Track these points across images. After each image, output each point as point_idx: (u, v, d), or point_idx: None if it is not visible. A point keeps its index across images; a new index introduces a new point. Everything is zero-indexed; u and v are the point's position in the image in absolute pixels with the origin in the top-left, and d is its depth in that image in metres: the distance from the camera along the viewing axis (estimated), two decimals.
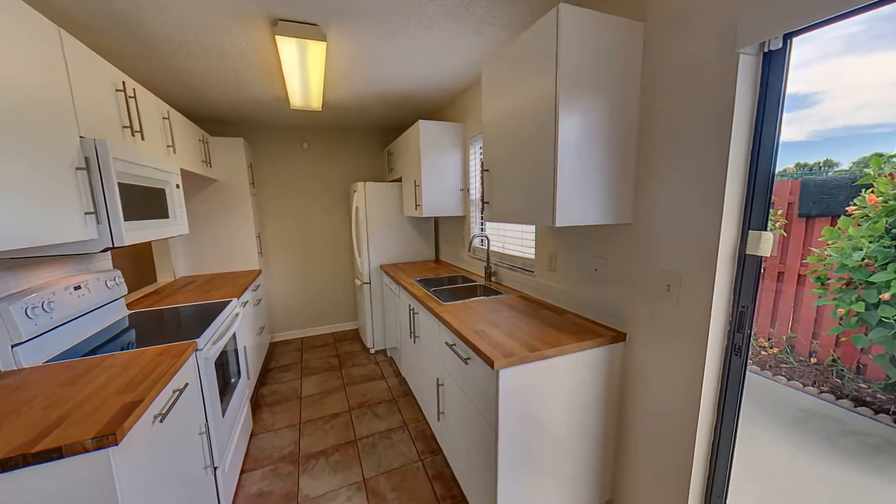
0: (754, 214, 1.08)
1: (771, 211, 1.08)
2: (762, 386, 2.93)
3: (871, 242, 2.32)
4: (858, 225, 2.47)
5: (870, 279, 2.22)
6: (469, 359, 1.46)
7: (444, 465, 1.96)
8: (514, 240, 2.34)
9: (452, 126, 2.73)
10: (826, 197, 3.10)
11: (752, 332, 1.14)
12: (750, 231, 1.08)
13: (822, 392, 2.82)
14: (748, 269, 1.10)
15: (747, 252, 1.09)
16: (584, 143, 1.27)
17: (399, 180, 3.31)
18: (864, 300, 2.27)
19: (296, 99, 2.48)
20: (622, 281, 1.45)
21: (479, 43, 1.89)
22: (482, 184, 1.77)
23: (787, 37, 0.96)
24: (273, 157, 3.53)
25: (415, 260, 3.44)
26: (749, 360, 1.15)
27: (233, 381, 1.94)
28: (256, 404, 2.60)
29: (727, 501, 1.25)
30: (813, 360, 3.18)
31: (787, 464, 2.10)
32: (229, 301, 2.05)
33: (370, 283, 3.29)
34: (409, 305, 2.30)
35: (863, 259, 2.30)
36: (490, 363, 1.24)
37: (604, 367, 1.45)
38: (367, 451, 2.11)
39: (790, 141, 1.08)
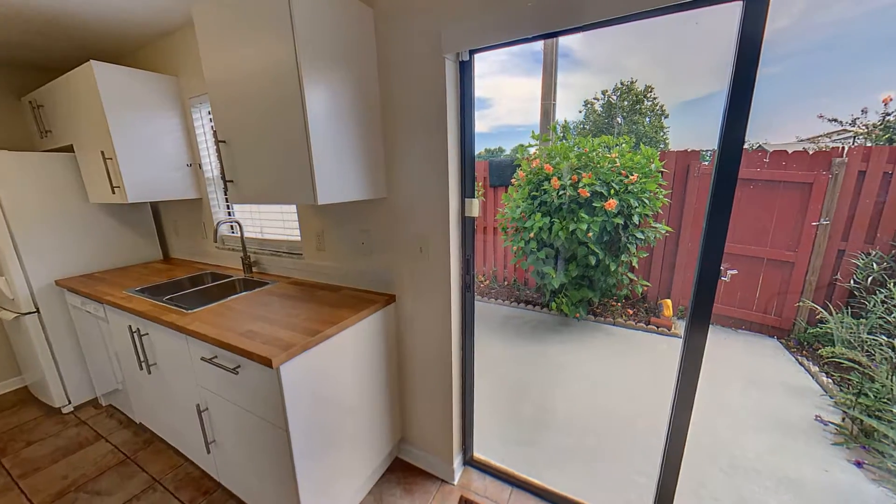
0: (467, 186, 1.44)
1: (476, 184, 1.48)
2: (484, 307, 4.14)
3: (523, 202, 3.64)
4: (518, 191, 3.82)
5: (524, 225, 3.52)
6: (239, 367, 1.25)
7: (226, 498, 1.65)
8: (273, 222, 2.10)
9: (157, 78, 2.03)
10: (502, 173, 4.57)
11: (475, 273, 1.58)
12: (466, 199, 1.45)
13: (512, 302, 4.30)
14: (468, 228, 1.49)
15: (466, 215, 1.47)
16: (335, 117, 1.27)
17: (69, 150, 2.19)
18: (523, 239, 3.58)
19: None
20: (386, 249, 1.62)
21: None
22: (219, 158, 1.45)
23: (472, 52, 1.30)
24: None
25: (127, 264, 2.47)
26: (475, 293, 1.60)
27: None
28: None
29: (474, 394, 1.74)
30: (506, 283, 4.78)
31: (498, 352, 3.11)
32: None
33: (39, 311, 2.12)
34: (130, 327, 1.66)
35: (520, 213, 3.60)
36: (267, 363, 1.11)
37: (382, 329, 1.60)
38: None
39: (480, 132, 1.51)
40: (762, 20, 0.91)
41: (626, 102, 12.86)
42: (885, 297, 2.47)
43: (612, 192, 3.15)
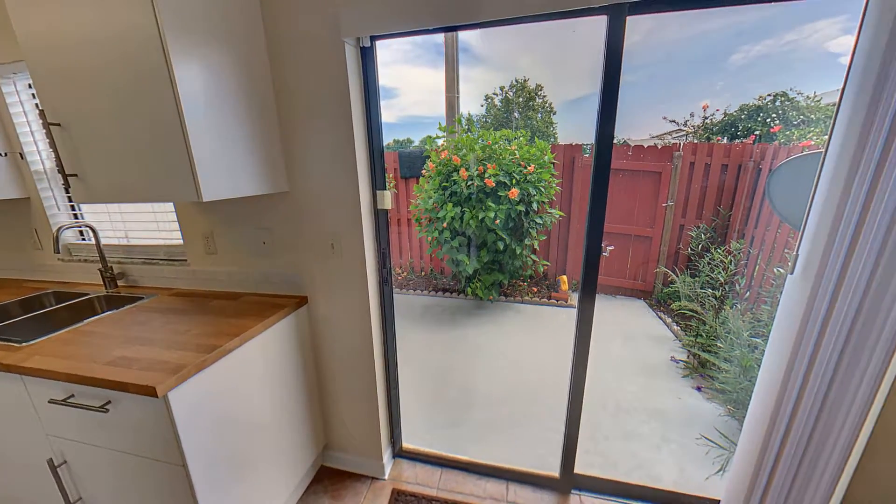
0: (377, 178, 1.41)
1: (387, 175, 1.45)
2: (403, 299, 4.14)
3: (435, 193, 3.71)
4: (429, 182, 3.87)
5: (437, 216, 3.60)
6: (109, 403, 1.02)
7: None
8: (144, 224, 1.75)
9: None
10: (412, 164, 4.57)
11: (392, 266, 1.56)
12: (377, 191, 1.42)
13: (430, 292, 4.39)
14: (381, 221, 1.46)
15: (378, 207, 1.43)
16: (218, 100, 1.11)
17: None
18: (437, 229, 3.67)
19: None
20: (293, 248, 1.49)
21: None
22: (53, 146, 1.14)
23: (373, 39, 1.25)
24: None
25: None
26: (393, 285, 1.59)
27: None
28: None
29: (399, 386, 1.74)
30: (423, 273, 4.85)
31: (420, 341, 3.16)
32: None
33: None
34: None
35: (433, 204, 3.67)
36: (150, 392, 0.93)
37: (294, 335, 1.48)
38: None
39: (388, 122, 1.48)
40: (622, 33, 1.07)
41: (521, 99, 14.00)
42: (709, 259, 3.22)
43: (514, 181, 3.43)
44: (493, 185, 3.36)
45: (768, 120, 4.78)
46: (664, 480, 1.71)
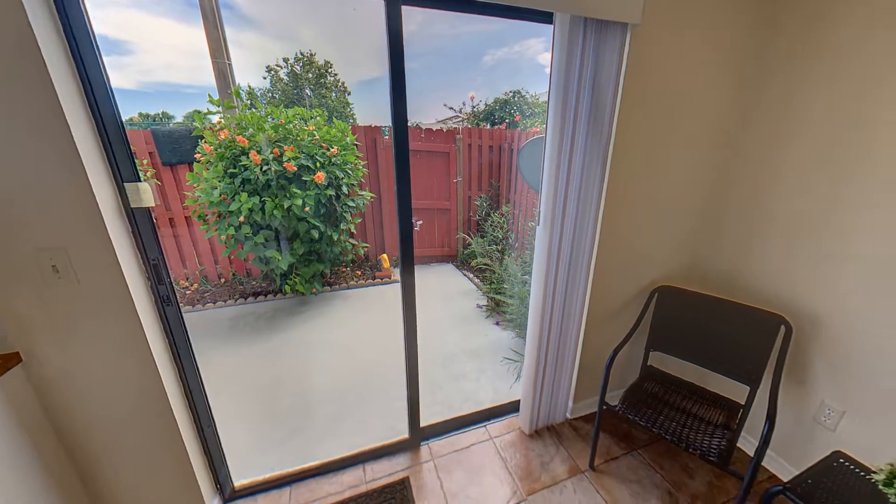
0: (121, 166, 1.03)
1: (136, 161, 1.08)
2: (201, 317, 3.33)
3: (220, 182, 3.06)
4: (208, 169, 3.14)
5: (229, 209, 3.00)
6: None
7: None
8: None
9: None
10: (177, 146, 3.57)
11: (173, 279, 1.21)
12: (126, 184, 1.04)
13: (237, 300, 3.70)
14: (142, 223, 1.09)
15: (133, 206, 1.06)
16: None
17: None
18: (232, 225, 3.07)
19: None
20: None
21: None
22: None
23: None
24: None
25: None
26: (180, 303, 1.24)
27: None
28: None
29: (214, 420, 1.43)
30: (223, 280, 4.02)
31: (237, 358, 2.68)
32: None
33: None
34: None
35: (220, 195, 3.02)
36: None
37: (3, 413, 0.96)
38: None
39: (125, 88, 1.08)
40: (399, 20, 1.15)
41: (310, 74, 13.01)
42: (491, 222, 4.07)
43: (318, 164, 3.23)
44: (295, 169, 3.06)
45: (513, 111, 6.29)
46: (484, 401, 2.14)
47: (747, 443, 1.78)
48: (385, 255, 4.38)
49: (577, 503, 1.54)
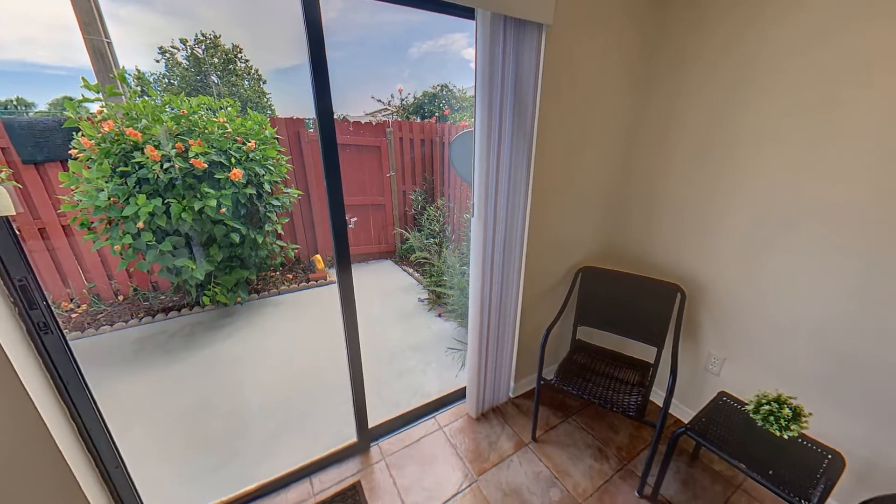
0: None
1: None
2: (95, 342, 2.83)
3: (107, 182, 2.60)
4: (89, 168, 2.64)
5: (123, 214, 2.57)
6: None
7: None
8: None
9: None
10: (43, 140, 2.95)
11: (51, 301, 1.01)
12: None
13: (141, 318, 3.21)
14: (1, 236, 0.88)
15: None
16: None
17: None
18: (129, 233, 2.64)
19: None
20: None
21: None
22: None
23: None
24: None
25: None
26: (64, 330, 1.03)
27: None
28: None
29: (125, 463, 1.23)
30: (121, 298, 3.44)
31: (148, 386, 2.34)
32: None
33: None
34: None
35: (109, 198, 2.57)
36: None
37: None
38: None
39: None
40: (317, 6, 1.08)
41: (216, 59, 11.62)
42: (427, 216, 4.08)
43: (234, 161, 2.92)
44: (206, 166, 2.72)
45: (442, 105, 6.34)
46: (432, 393, 2.17)
47: (657, 396, 2.08)
48: (318, 256, 4.15)
49: (523, 474, 1.65)
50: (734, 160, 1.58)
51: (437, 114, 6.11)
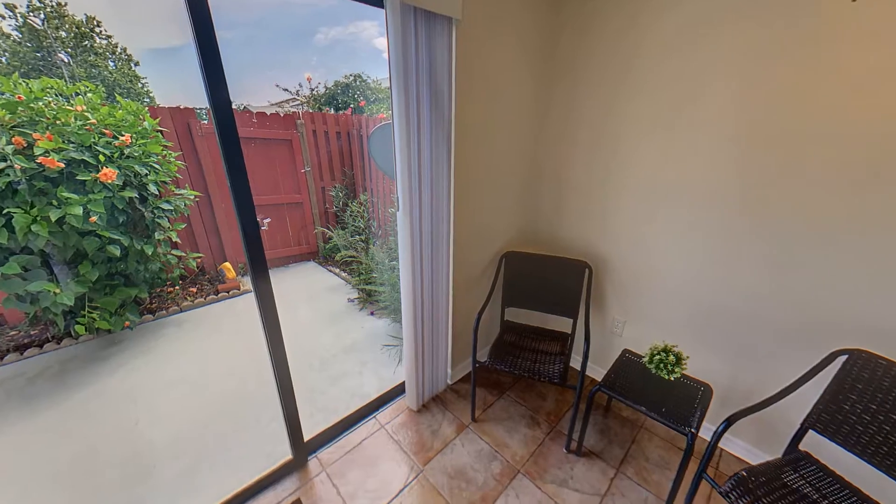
0: None
1: None
2: None
3: None
4: None
5: None
6: None
7: None
8: None
9: None
10: None
11: None
12: None
13: None
14: None
15: None
16: None
17: None
18: None
19: None
20: None
21: None
22: None
23: None
24: None
25: None
26: None
27: None
28: None
29: None
30: None
31: (10, 442, 1.86)
32: None
33: None
34: None
35: None
36: None
37: None
38: None
39: None
40: None
41: (63, 34, 9.43)
42: (350, 212, 3.91)
43: (103, 158, 2.42)
44: (62, 165, 2.21)
45: (356, 96, 6.08)
46: (371, 393, 2.12)
47: (576, 361, 2.34)
48: (228, 264, 3.70)
49: (466, 454, 1.72)
50: (622, 148, 1.82)
51: (352, 105, 5.85)
